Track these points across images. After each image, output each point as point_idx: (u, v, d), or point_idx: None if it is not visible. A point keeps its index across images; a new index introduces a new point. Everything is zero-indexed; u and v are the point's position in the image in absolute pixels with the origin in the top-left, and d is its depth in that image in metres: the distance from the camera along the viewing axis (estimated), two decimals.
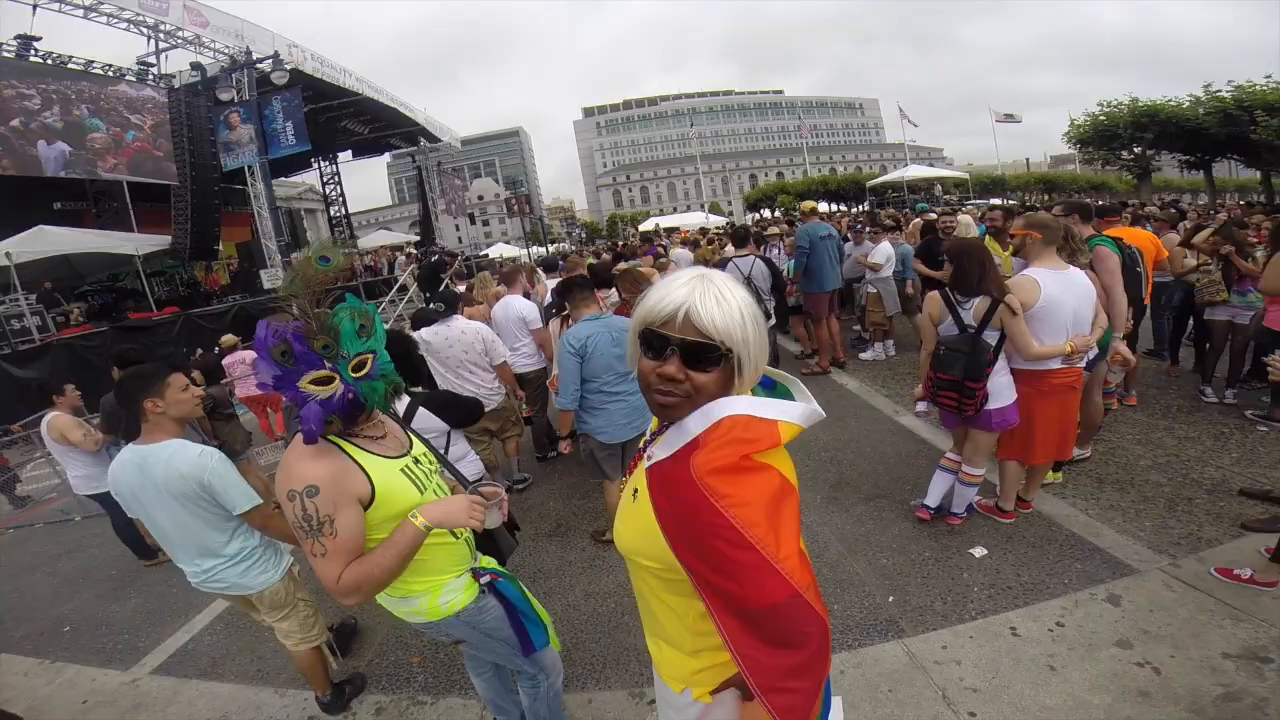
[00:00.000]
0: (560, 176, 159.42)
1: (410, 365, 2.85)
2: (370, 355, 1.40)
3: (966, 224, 6.41)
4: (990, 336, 2.87)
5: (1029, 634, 2.48)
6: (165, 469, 2.25)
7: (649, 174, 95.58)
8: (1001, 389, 2.93)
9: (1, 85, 11.89)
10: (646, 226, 32.00)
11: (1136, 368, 4.46)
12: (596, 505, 4.14)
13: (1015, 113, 39.55)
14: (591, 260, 10.03)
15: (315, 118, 15.45)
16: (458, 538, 1.65)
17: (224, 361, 6.56)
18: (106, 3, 12.58)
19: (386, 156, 28.08)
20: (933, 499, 3.34)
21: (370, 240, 26.30)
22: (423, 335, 4.05)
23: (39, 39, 12.56)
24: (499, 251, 32.49)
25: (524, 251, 31.15)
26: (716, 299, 0.93)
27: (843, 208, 41.28)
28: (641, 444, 1.16)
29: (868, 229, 7.04)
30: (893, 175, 31.95)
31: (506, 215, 56.11)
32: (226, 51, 14.32)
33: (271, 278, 14.37)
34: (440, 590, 1.60)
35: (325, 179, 22.98)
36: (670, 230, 24.87)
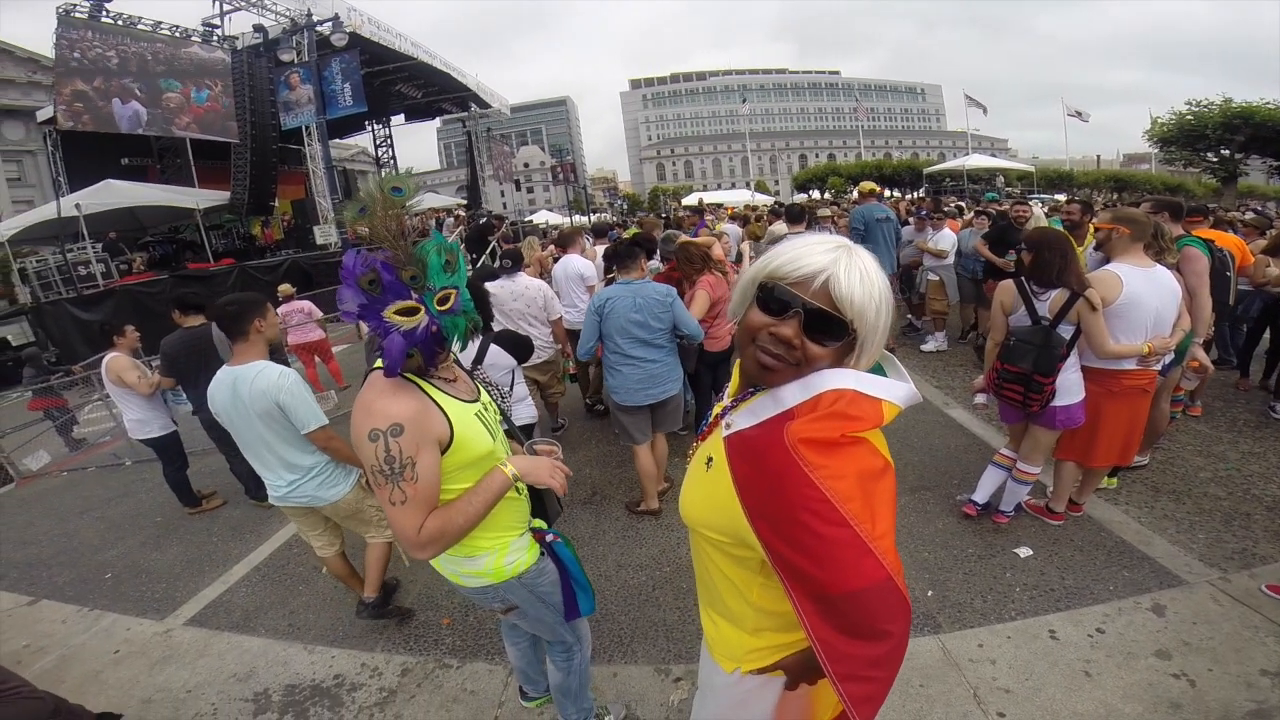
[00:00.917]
0: (605, 147, 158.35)
1: (483, 308, 3.01)
2: (454, 290, 1.36)
3: (1038, 217, 6.11)
4: (1064, 330, 2.74)
5: (1068, 638, 2.43)
6: (250, 388, 2.51)
7: (694, 149, 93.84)
8: (1070, 385, 2.80)
9: (83, 45, 12.35)
10: (689, 201, 31.63)
11: (1208, 378, 4.23)
12: (633, 474, 4.09)
13: (1085, 110, 37.31)
14: (635, 230, 9.98)
15: (370, 81, 15.63)
16: (520, 494, 1.63)
17: (279, 310, 6.75)
18: None
19: (437, 121, 28.28)
20: (981, 495, 3.25)
21: (418, 203, 26.64)
22: (489, 288, 4.18)
23: (110, 0, 12.93)
24: (544, 218, 32.60)
25: (568, 219, 31.18)
26: (861, 274, 0.87)
27: (898, 193, 40.05)
28: (719, 410, 1.08)
29: (931, 215, 6.78)
30: (953, 163, 30.78)
31: (551, 183, 56.04)
32: (288, 14, 14.54)
33: (325, 234, 14.75)
34: (507, 549, 1.58)
35: (378, 141, 23.29)
36: (715, 206, 24.52)
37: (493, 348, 3.00)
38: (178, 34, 14.10)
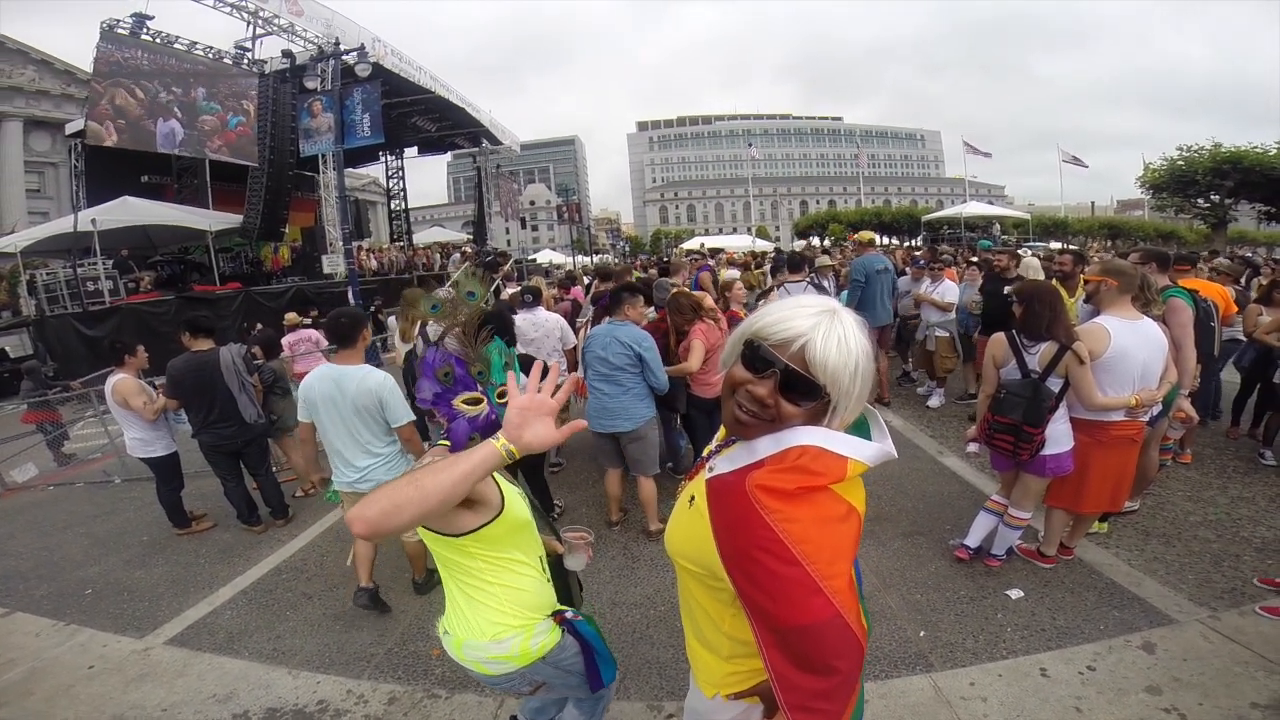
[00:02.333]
0: (609, 188, 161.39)
1: (509, 333, 3.28)
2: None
3: (1033, 267, 6.14)
4: (1054, 383, 2.82)
5: (1059, 675, 2.46)
6: (358, 384, 3.00)
7: (697, 192, 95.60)
8: (1059, 435, 2.87)
9: (123, 61, 12.64)
10: (691, 245, 32.09)
11: (1195, 427, 4.30)
12: (636, 514, 4.16)
13: (1082, 156, 38.27)
14: (639, 274, 10.15)
15: (388, 112, 15.94)
16: (545, 576, 1.68)
17: (286, 339, 6.81)
18: None
19: (448, 155, 28.83)
20: (973, 539, 3.28)
21: (425, 236, 27.06)
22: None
23: (151, 18, 13.16)
24: (548, 257, 33.03)
25: (571, 259, 31.59)
26: (839, 341, 0.92)
27: (895, 241, 40.59)
28: (707, 453, 1.15)
29: (929, 265, 6.85)
30: (950, 211, 31.33)
31: (556, 222, 57.01)
32: (316, 41, 14.91)
33: (332, 264, 14.87)
34: (533, 631, 1.59)
35: (390, 173, 23.74)
36: (715, 250, 24.88)
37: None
38: (211, 55, 14.46)
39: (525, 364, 3.34)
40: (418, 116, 20.58)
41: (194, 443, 4.46)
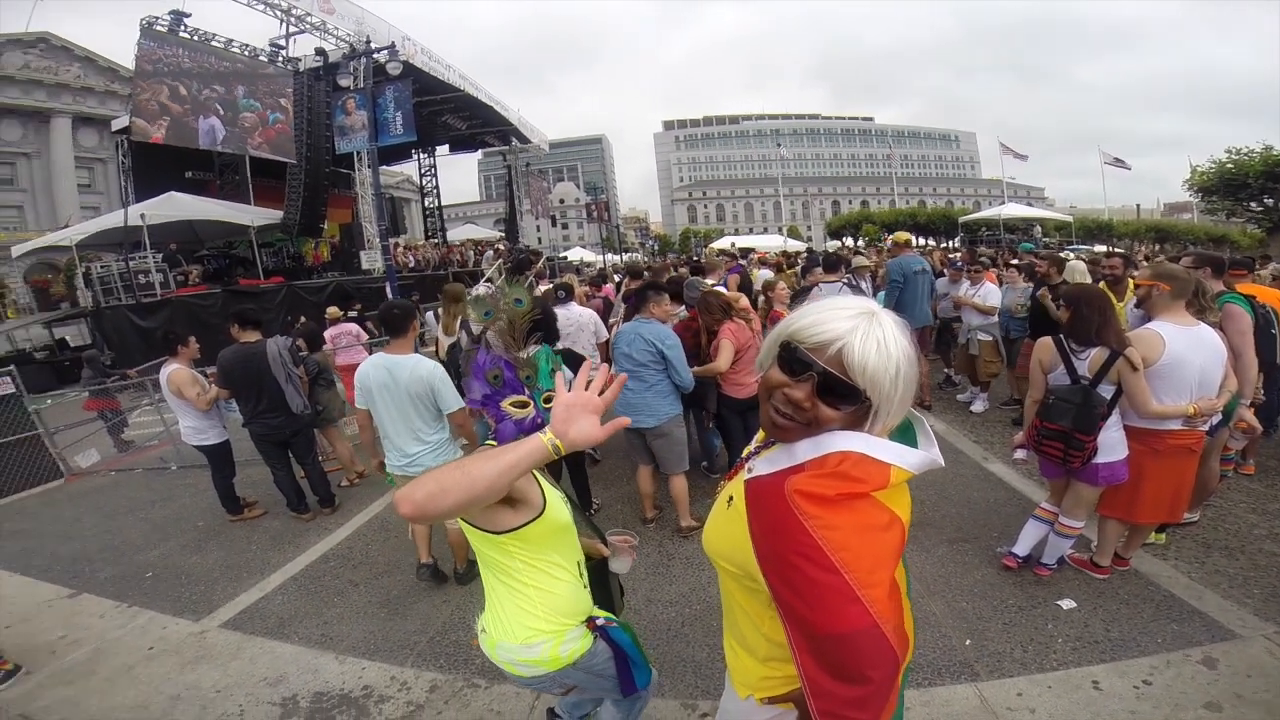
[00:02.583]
0: (637, 187, 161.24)
1: (550, 328, 3.45)
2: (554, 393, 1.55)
3: (1079, 270, 5.95)
4: (1105, 390, 2.74)
5: (1112, 689, 2.38)
6: (410, 373, 3.15)
7: (726, 192, 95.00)
8: (1113, 443, 2.79)
9: (164, 58, 13.06)
10: (721, 244, 31.93)
11: (1259, 437, 4.14)
12: (671, 512, 4.18)
13: (1126, 158, 36.92)
14: (672, 273, 10.17)
15: (418, 110, 16.12)
16: (583, 581, 1.71)
17: (328, 332, 7.00)
18: None
19: (478, 153, 29.14)
20: (1022, 548, 3.21)
21: (459, 233, 27.47)
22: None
23: (189, 15, 13.54)
24: (578, 255, 33.26)
25: (600, 257, 31.73)
26: (878, 343, 0.90)
27: (932, 242, 39.75)
28: (747, 453, 1.15)
29: (968, 266, 6.71)
30: (988, 212, 30.60)
31: (585, 220, 57.30)
32: (348, 39, 15.18)
33: (371, 260, 15.18)
34: (563, 637, 1.61)
35: (423, 171, 24.12)
36: (746, 250, 24.72)
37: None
38: (247, 53, 14.82)
39: (570, 360, 3.49)
40: (448, 115, 20.83)
41: (245, 431, 4.62)
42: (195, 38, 13.81)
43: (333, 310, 7.90)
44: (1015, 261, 7.11)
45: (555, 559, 1.58)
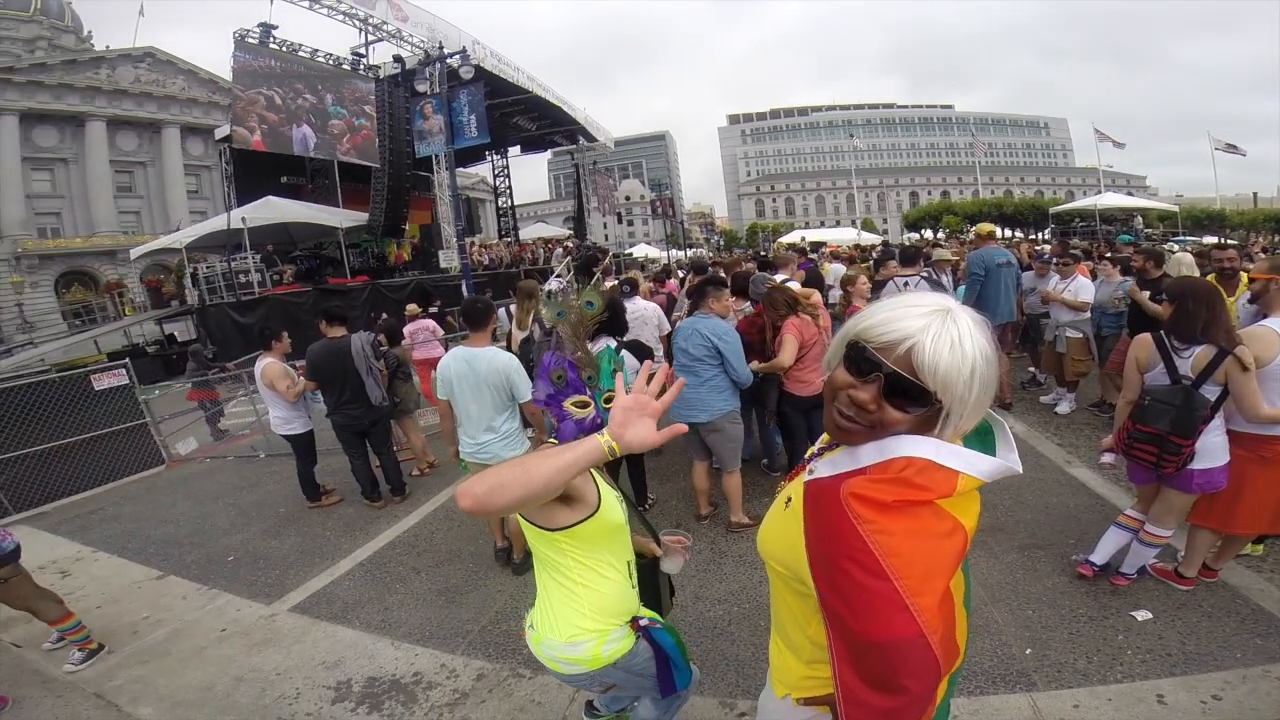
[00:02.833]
0: (702, 182, 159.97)
1: (619, 320, 3.90)
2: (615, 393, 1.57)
3: (1186, 263, 5.38)
4: (1209, 391, 2.49)
5: (1178, 703, 2.23)
6: (488, 364, 3.33)
7: (795, 185, 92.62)
8: (1214, 449, 2.55)
9: (257, 69, 13.97)
10: (790, 238, 31.20)
11: None
12: (726, 509, 4.14)
13: (1239, 143, 33.18)
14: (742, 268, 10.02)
15: (491, 112, 16.57)
16: (631, 581, 1.71)
17: (407, 328, 7.33)
18: None
19: (548, 153, 29.74)
20: (1100, 556, 3.00)
21: (529, 232, 28.20)
22: None
23: (276, 27, 14.41)
24: (643, 251, 33.39)
25: (665, 253, 31.72)
26: (952, 342, 0.84)
27: (1019, 234, 37.33)
28: (809, 454, 1.13)
29: (1057, 259, 6.23)
30: (1083, 202, 28.34)
31: (650, 216, 57.41)
32: (422, 46, 15.84)
33: (448, 259, 15.83)
34: (606, 638, 1.62)
35: (496, 172, 24.87)
36: (817, 245, 24.03)
37: (625, 352, 3.58)
38: (331, 62, 15.70)
39: (635, 349, 3.67)
40: (519, 116, 21.39)
41: (327, 422, 4.90)
42: (284, 49, 14.67)
43: (412, 307, 8.19)
44: (1108, 254, 6.51)
45: (607, 558, 1.59)
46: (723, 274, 7.59)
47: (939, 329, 0.85)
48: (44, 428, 6.04)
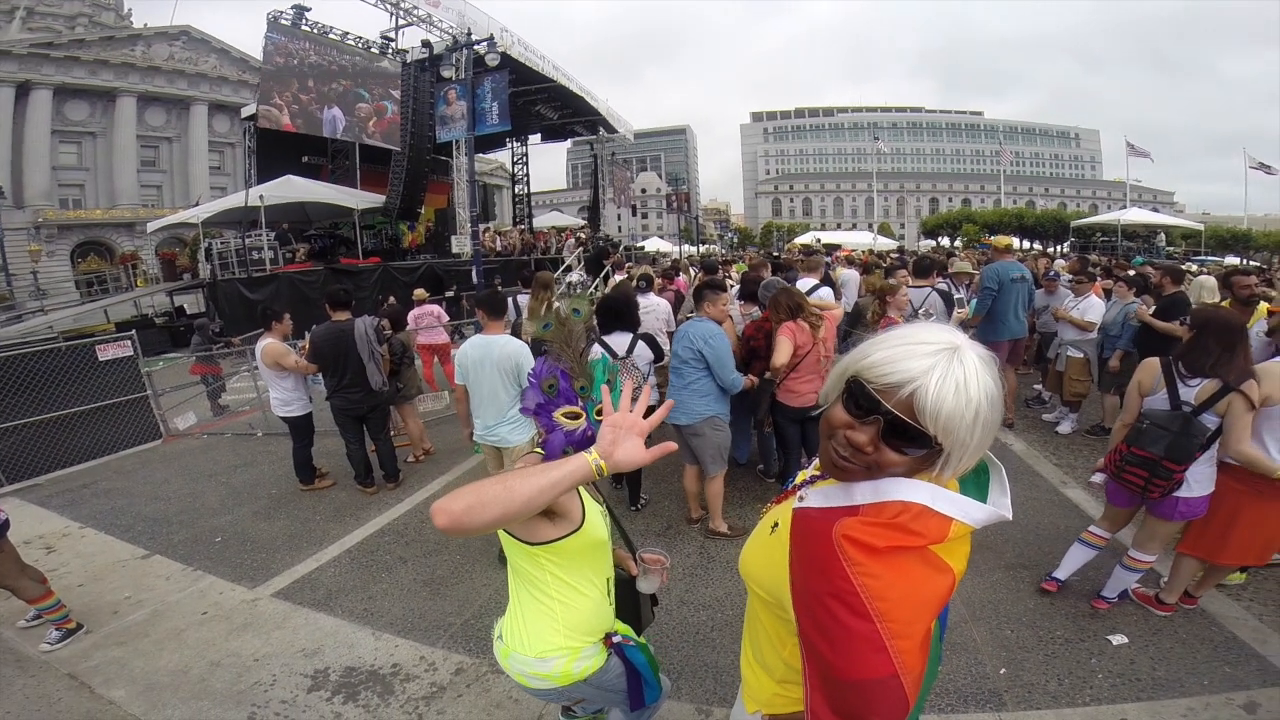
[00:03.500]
0: (720, 177, 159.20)
1: (632, 315, 4.04)
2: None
3: (1208, 287, 5.22)
4: (1208, 420, 2.48)
5: None
6: (501, 350, 3.52)
7: (814, 185, 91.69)
8: (1202, 478, 2.55)
9: (289, 50, 13.97)
10: (805, 239, 30.95)
11: None
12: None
13: (1277, 162, 32.47)
14: (744, 267, 9.83)
15: (514, 100, 16.52)
16: (609, 599, 1.68)
17: (412, 313, 7.31)
18: None
19: (568, 142, 29.65)
20: (1063, 572, 3.09)
21: (544, 220, 28.16)
22: None
23: (309, 9, 14.44)
24: (655, 245, 33.27)
25: (678, 248, 31.58)
26: (957, 385, 0.81)
27: (1038, 246, 36.78)
28: (802, 480, 1.08)
29: (1064, 278, 6.08)
30: (1105, 216, 27.95)
31: (665, 210, 57.17)
32: (451, 31, 15.77)
33: (460, 244, 15.81)
34: (578, 654, 1.59)
35: (515, 159, 24.81)
36: (831, 247, 23.81)
37: (640, 345, 3.90)
38: (361, 45, 15.71)
39: (650, 343, 3.83)
40: (541, 104, 21.28)
41: (326, 404, 4.88)
42: (316, 31, 14.71)
43: (419, 292, 8.17)
44: (1123, 275, 6.32)
45: (587, 574, 1.57)
46: (735, 275, 7.53)
47: (944, 371, 0.81)
48: (46, 397, 6.03)
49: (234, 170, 36.60)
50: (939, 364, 0.81)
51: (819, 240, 27.51)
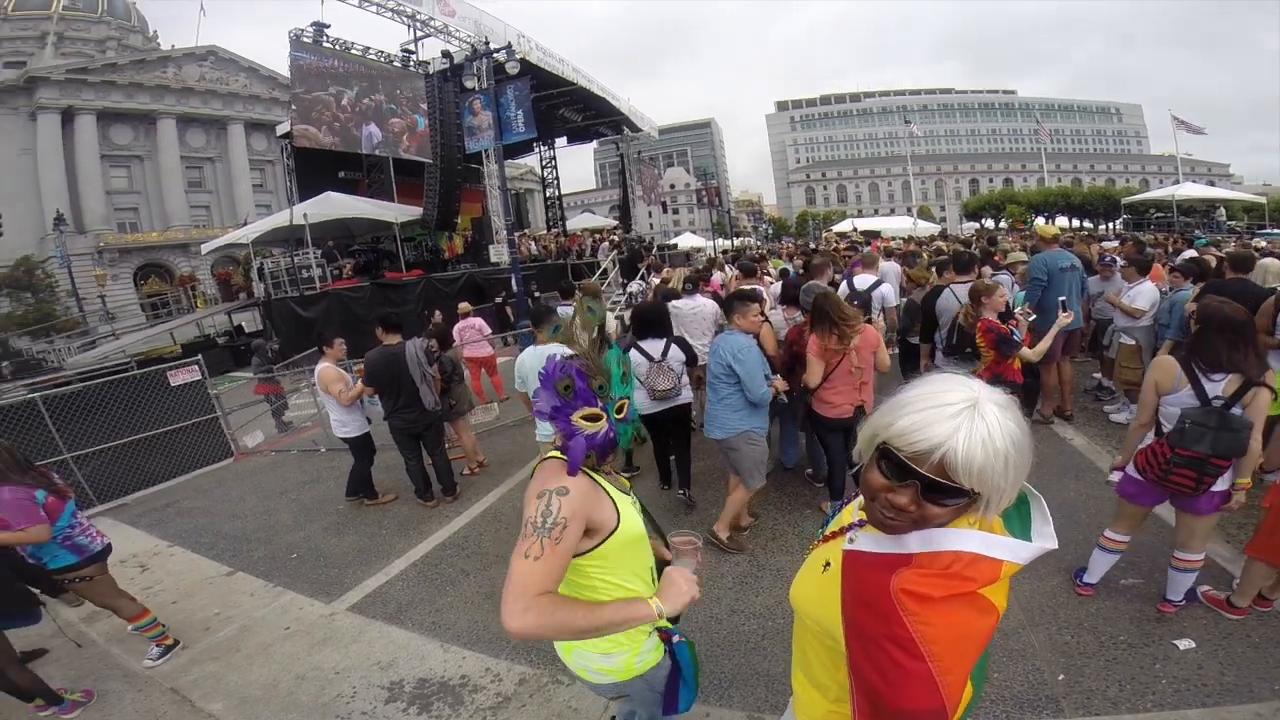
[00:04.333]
0: (750, 169, 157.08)
1: (665, 322, 4.37)
2: (627, 400, 1.53)
3: (1275, 271, 4.96)
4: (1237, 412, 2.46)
5: None
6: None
7: (848, 172, 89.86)
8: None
9: (316, 67, 14.14)
10: (842, 227, 30.39)
11: None
12: (767, 520, 4.16)
13: None
14: (784, 265, 9.70)
15: (537, 105, 16.57)
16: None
17: (455, 328, 7.49)
18: None
19: (594, 143, 29.74)
20: (1093, 576, 3.05)
21: (576, 222, 28.40)
22: (675, 304, 5.42)
23: (329, 26, 14.48)
24: (687, 241, 33.15)
25: (711, 242, 31.42)
26: (983, 441, 0.85)
27: (1089, 225, 35.29)
28: (848, 521, 1.15)
29: (1119, 262, 5.86)
30: (1160, 192, 26.60)
31: (696, 205, 56.87)
32: (469, 41, 15.93)
33: (498, 253, 16.08)
34: (640, 649, 1.62)
35: (543, 163, 25.09)
36: (870, 234, 23.32)
37: (673, 348, 4.18)
38: (383, 59, 15.94)
39: (683, 346, 4.14)
40: (564, 108, 21.38)
41: (381, 422, 5.07)
42: (338, 46, 14.85)
43: (464, 306, 8.28)
44: (1178, 262, 6.02)
45: (633, 568, 1.58)
46: (772, 272, 7.40)
47: (969, 430, 0.86)
48: (127, 421, 6.46)
49: (276, 187, 37.68)
50: (963, 424, 0.86)
51: (855, 228, 26.96)
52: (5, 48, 35.62)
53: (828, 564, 1.10)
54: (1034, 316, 4.83)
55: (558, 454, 1.47)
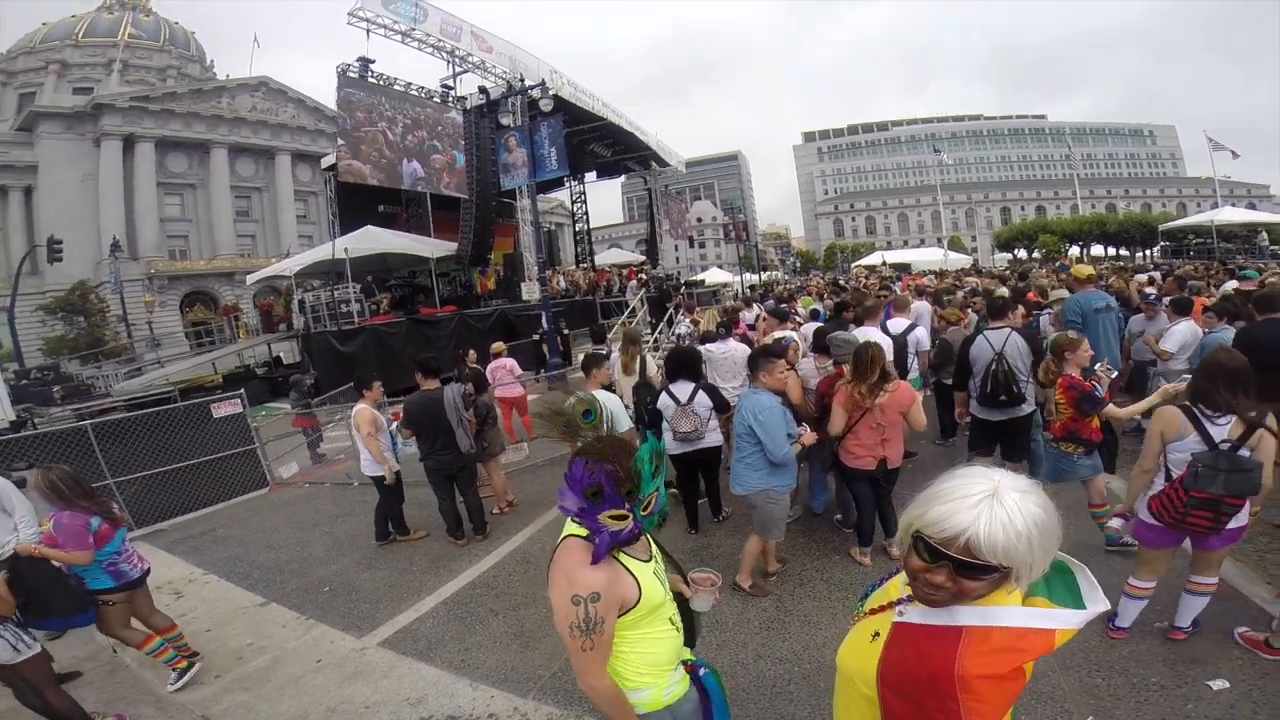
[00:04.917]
0: (776, 201, 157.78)
1: (697, 368, 4.65)
2: (656, 493, 1.59)
3: None
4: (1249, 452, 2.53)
5: None
6: (605, 396, 4.22)
7: (876, 203, 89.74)
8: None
9: (362, 103, 14.57)
10: (870, 260, 30.26)
11: None
12: (795, 565, 4.16)
13: None
14: (815, 305, 9.58)
15: (568, 140, 16.84)
16: (676, 628, 1.77)
17: (488, 368, 7.62)
18: (416, 29, 15.02)
19: (622, 177, 30.31)
20: (1126, 620, 3.02)
21: (605, 257, 28.80)
22: (707, 348, 5.71)
23: (373, 61, 14.85)
24: (714, 277, 33.34)
25: (738, 277, 31.55)
26: (1004, 526, 0.97)
27: (1125, 254, 34.45)
28: (896, 596, 1.24)
29: (1164, 301, 5.72)
30: (1197, 218, 25.96)
31: (723, 239, 57.28)
32: (504, 77, 16.47)
33: (530, 290, 16.21)
34: (666, 683, 1.70)
35: (573, 198, 25.68)
36: (900, 268, 23.18)
37: (700, 394, 4.38)
38: (424, 95, 16.35)
39: (712, 394, 4.41)
40: (594, 143, 21.91)
41: (412, 459, 5.19)
42: (381, 82, 15.33)
43: (497, 346, 8.37)
44: (1217, 295, 5.84)
45: (655, 625, 1.66)
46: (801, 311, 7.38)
47: (989, 517, 0.98)
48: (168, 449, 6.72)
49: (319, 219, 38.51)
50: (983, 513, 0.98)
51: (884, 261, 26.84)
52: (75, 74, 37.50)
53: (876, 634, 1.20)
54: (1115, 374, 4.74)
55: (577, 532, 1.58)
